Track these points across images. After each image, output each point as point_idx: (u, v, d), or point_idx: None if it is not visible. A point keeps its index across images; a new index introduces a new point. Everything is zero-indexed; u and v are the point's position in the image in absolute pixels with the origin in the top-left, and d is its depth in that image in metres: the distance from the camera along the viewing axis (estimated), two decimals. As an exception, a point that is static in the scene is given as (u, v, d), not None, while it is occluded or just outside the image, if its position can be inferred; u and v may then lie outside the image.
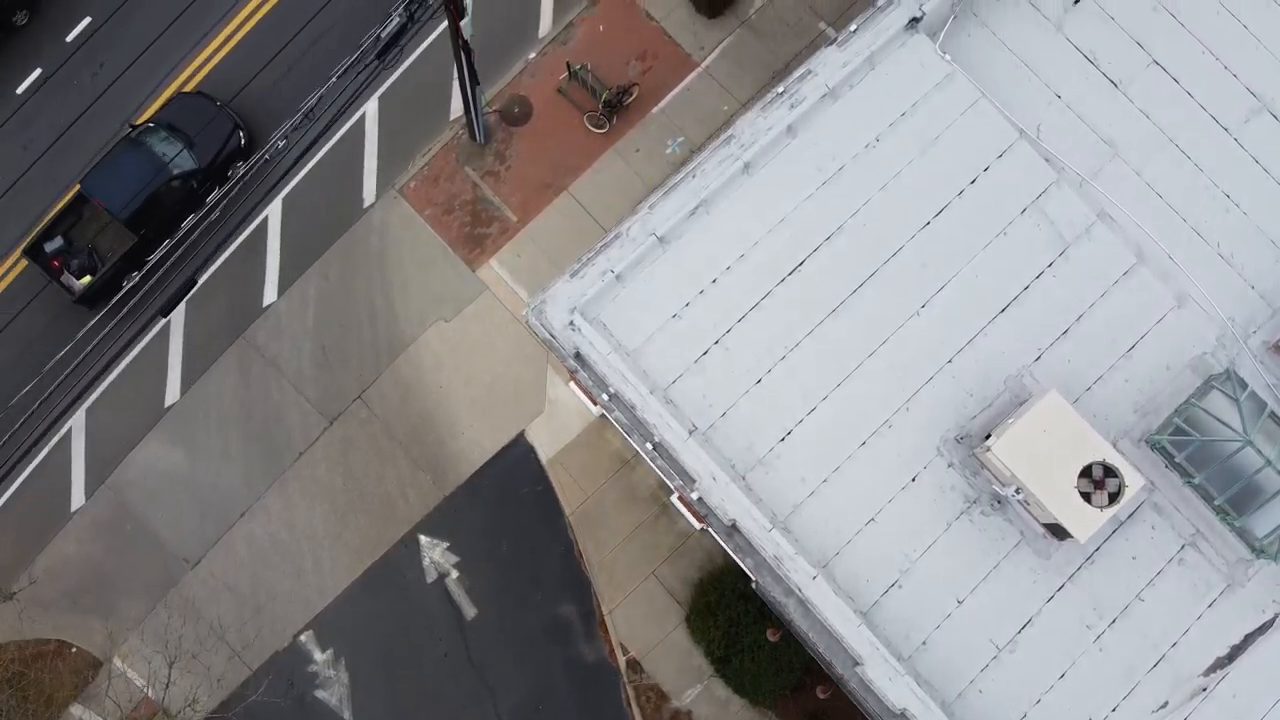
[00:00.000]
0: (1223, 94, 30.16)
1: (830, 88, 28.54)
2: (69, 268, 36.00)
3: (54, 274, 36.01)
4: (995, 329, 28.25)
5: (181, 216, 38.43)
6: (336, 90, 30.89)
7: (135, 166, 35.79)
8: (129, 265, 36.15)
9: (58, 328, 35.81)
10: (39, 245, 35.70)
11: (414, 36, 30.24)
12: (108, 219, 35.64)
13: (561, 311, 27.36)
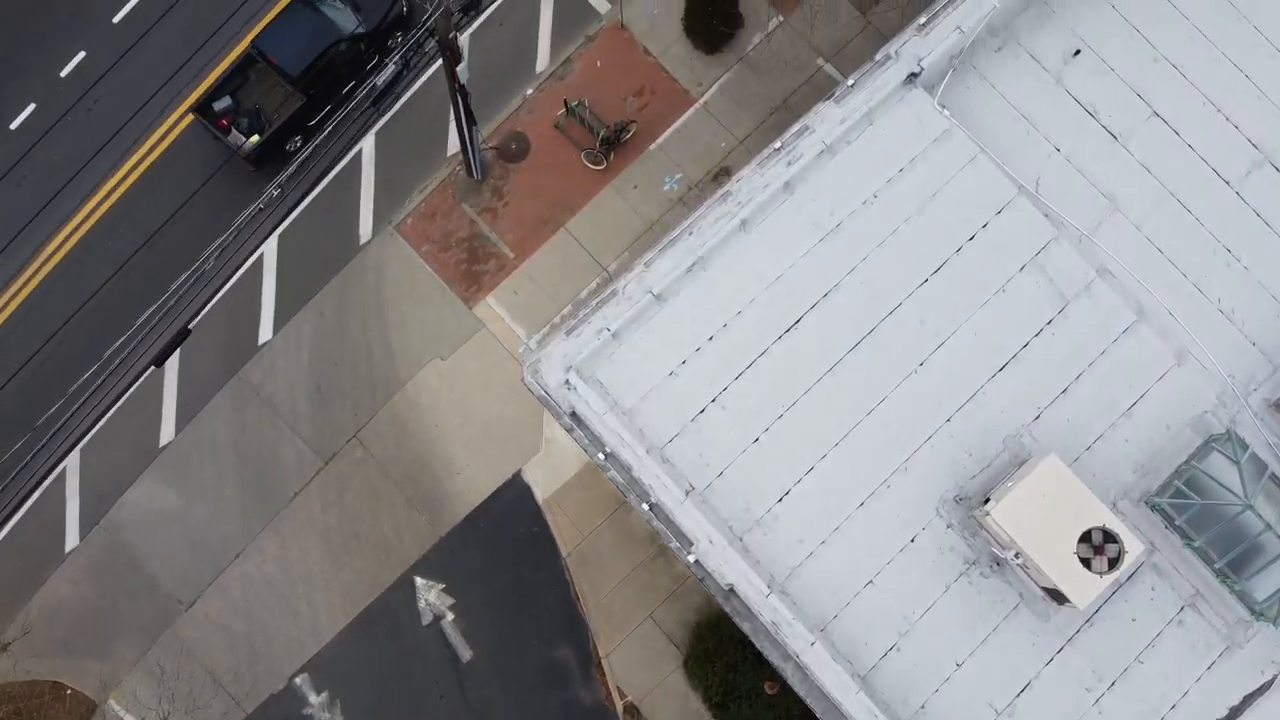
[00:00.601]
0: (1224, 146, 29.94)
1: (828, 144, 28.21)
2: (238, 126, 36.32)
3: (222, 132, 36.32)
4: (994, 387, 28.04)
5: (345, 81, 37.58)
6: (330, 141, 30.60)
7: (307, 27, 36.25)
8: (294, 127, 36.91)
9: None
10: (207, 104, 35.96)
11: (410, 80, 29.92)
12: (275, 80, 36.02)
13: (557, 370, 27.16)
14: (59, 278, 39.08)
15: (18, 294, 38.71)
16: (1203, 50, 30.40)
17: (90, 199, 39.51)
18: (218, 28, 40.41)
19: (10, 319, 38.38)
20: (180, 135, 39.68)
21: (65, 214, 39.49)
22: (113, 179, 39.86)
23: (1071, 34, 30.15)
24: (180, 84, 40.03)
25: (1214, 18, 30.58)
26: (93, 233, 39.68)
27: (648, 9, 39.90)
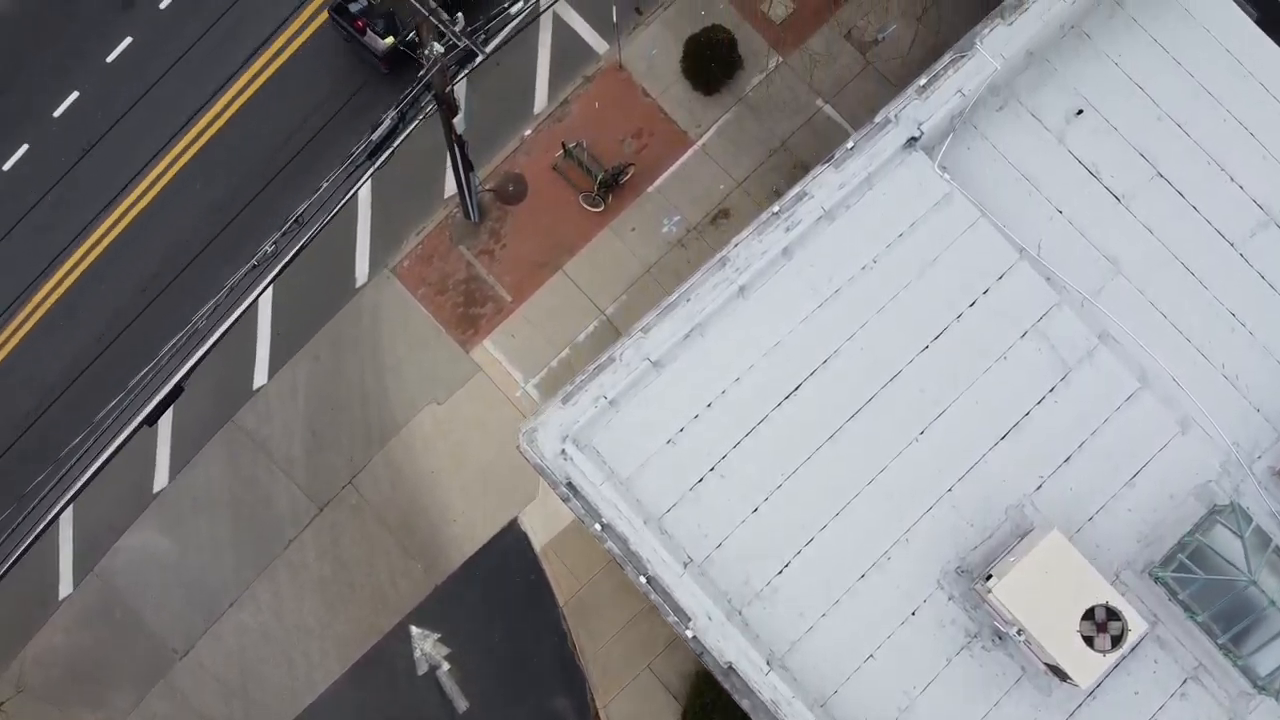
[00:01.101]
0: (1228, 207, 29.66)
1: (826, 209, 27.87)
2: (374, 28, 36.12)
3: (358, 33, 36.19)
4: (996, 456, 27.76)
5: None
6: (327, 194, 30.26)
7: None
8: None
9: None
10: (343, 6, 35.76)
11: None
12: None
13: (553, 439, 26.86)
14: (49, 326, 38.98)
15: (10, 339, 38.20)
16: (1207, 107, 30.03)
17: (82, 243, 38.74)
18: (216, 65, 40.15)
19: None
20: (168, 184, 38.73)
21: (59, 255, 39.36)
22: (106, 220, 39.77)
23: (1074, 92, 29.75)
24: (175, 123, 39.11)
25: (1219, 73, 30.27)
26: (85, 277, 39.54)
27: (646, 50, 39.51)
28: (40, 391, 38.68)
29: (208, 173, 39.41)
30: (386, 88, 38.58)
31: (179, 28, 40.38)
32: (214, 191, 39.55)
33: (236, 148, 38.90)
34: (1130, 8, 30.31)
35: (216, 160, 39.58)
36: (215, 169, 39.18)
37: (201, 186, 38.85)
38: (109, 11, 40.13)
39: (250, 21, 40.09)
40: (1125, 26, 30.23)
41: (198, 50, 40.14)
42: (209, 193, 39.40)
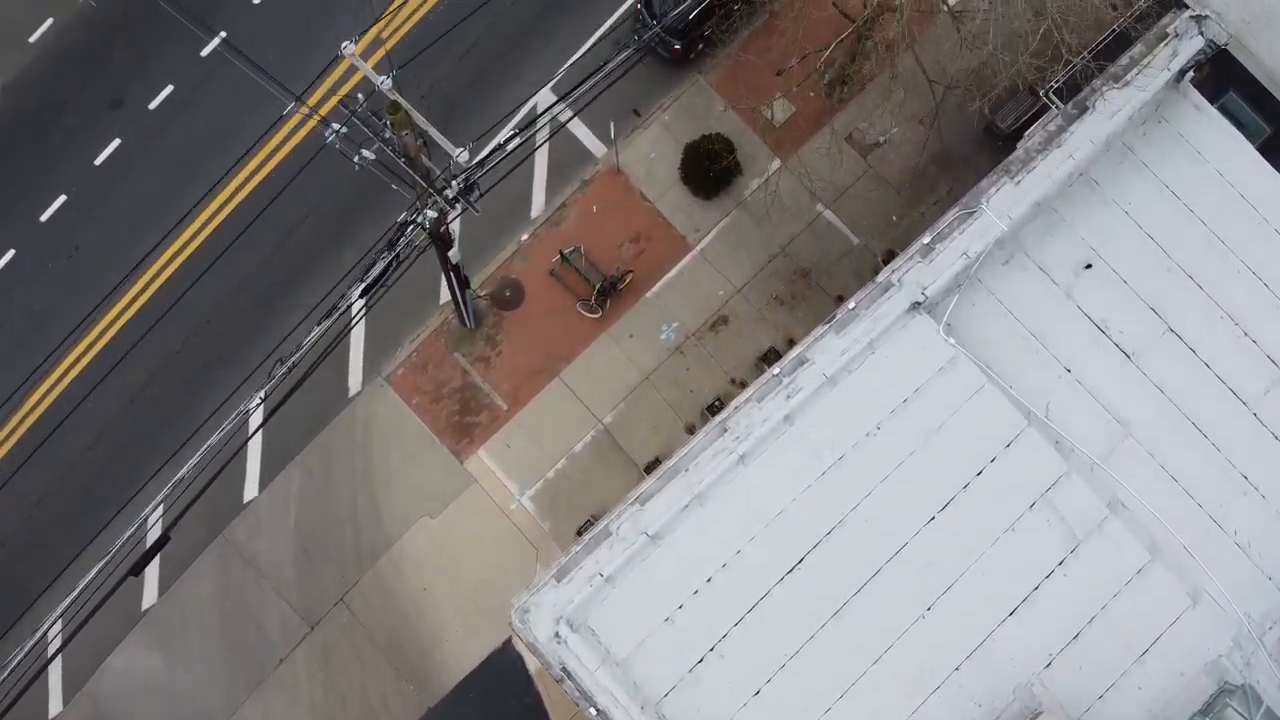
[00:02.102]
0: (1242, 363, 29.08)
1: (829, 375, 27.12)
2: None
3: None
4: (1003, 633, 27.27)
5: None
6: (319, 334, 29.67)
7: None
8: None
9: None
10: None
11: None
12: None
13: (547, 621, 26.34)
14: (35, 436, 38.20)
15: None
16: (1220, 256, 29.46)
17: (70, 351, 38.82)
18: (206, 167, 39.44)
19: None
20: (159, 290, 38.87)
21: (43, 367, 38.79)
22: (95, 328, 39.33)
23: (1082, 242, 29.12)
24: (164, 227, 38.44)
25: (1232, 220, 29.65)
26: (71, 387, 39.14)
27: (644, 154, 38.89)
28: (25, 506, 38.35)
29: (198, 277, 38.18)
30: (375, 195, 37.94)
31: (167, 129, 39.92)
32: (204, 297, 38.76)
33: (229, 252, 38.03)
34: (1140, 152, 29.63)
35: (208, 265, 38.42)
36: (207, 274, 38.24)
37: (192, 292, 37.83)
38: (97, 112, 39.22)
39: (240, 125, 39.22)
40: (1135, 171, 29.57)
41: (187, 152, 39.24)
42: (199, 298, 38.52)
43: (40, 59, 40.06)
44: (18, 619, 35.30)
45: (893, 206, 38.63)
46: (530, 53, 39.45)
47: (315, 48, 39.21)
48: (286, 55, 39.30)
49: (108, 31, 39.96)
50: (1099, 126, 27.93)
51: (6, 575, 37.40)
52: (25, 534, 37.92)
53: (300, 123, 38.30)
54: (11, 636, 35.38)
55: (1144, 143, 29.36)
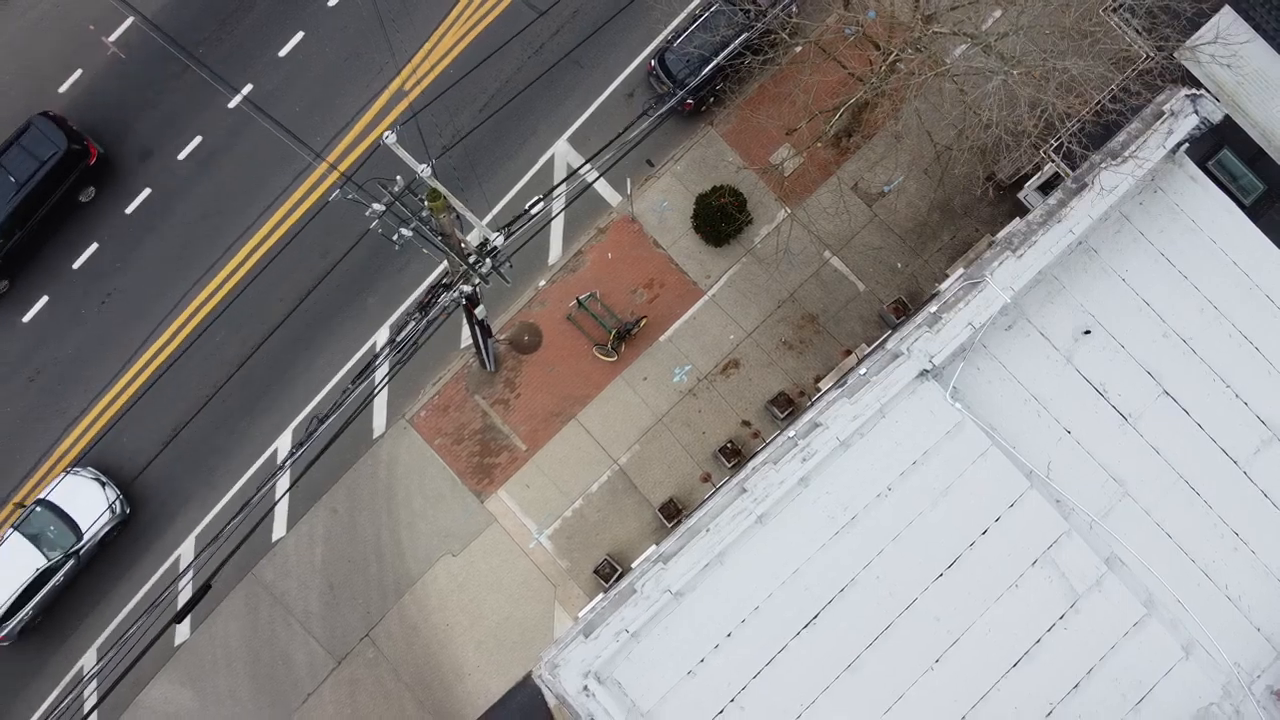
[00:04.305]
0: (1233, 424, 30.43)
1: (842, 440, 28.65)
2: None
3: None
4: (1007, 684, 28.74)
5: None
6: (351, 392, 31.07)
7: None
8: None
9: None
10: None
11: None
12: None
13: (575, 676, 27.73)
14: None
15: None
16: (1213, 322, 30.80)
17: (103, 396, 40.28)
18: (234, 217, 41.03)
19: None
20: (188, 336, 40.09)
21: (77, 412, 40.03)
22: (127, 374, 40.59)
23: (1080, 309, 30.50)
24: (193, 275, 39.72)
25: (1225, 287, 31.01)
26: (106, 429, 40.07)
27: (657, 202, 40.21)
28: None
29: (228, 325, 40.38)
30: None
31: (196, 180, 41.18)
32: (233, 343, 40.30)
33: (255, 300, 39.98)
34: (1136, 221, 30.94)
35: (236, 312, 40.47)
36: (235, 321, 40.30)
37: (222, 338, 39.38)
38: (128, 162, 40.58)
39: (266, 176, 40.99)
40: (1132, 240, 30.85)
41: (215, 202, 40.49)
42: (228, 344, 40.21)
43: (70, 109, 41.16)
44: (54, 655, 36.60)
45: (897, 254, 39.96)
46: (546, 106, 40.59)
47: (338, 102, 40.94)
48: (310, 109, 40.62)
49: (136, 83, 41.34)
50: (1098, 203, 29.29)
51: (48, 612, 38.22)
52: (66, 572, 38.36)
53: (324, 173, 39.53)
54: (48, 673, 36.58)
55: (1140, 212, 30.72)
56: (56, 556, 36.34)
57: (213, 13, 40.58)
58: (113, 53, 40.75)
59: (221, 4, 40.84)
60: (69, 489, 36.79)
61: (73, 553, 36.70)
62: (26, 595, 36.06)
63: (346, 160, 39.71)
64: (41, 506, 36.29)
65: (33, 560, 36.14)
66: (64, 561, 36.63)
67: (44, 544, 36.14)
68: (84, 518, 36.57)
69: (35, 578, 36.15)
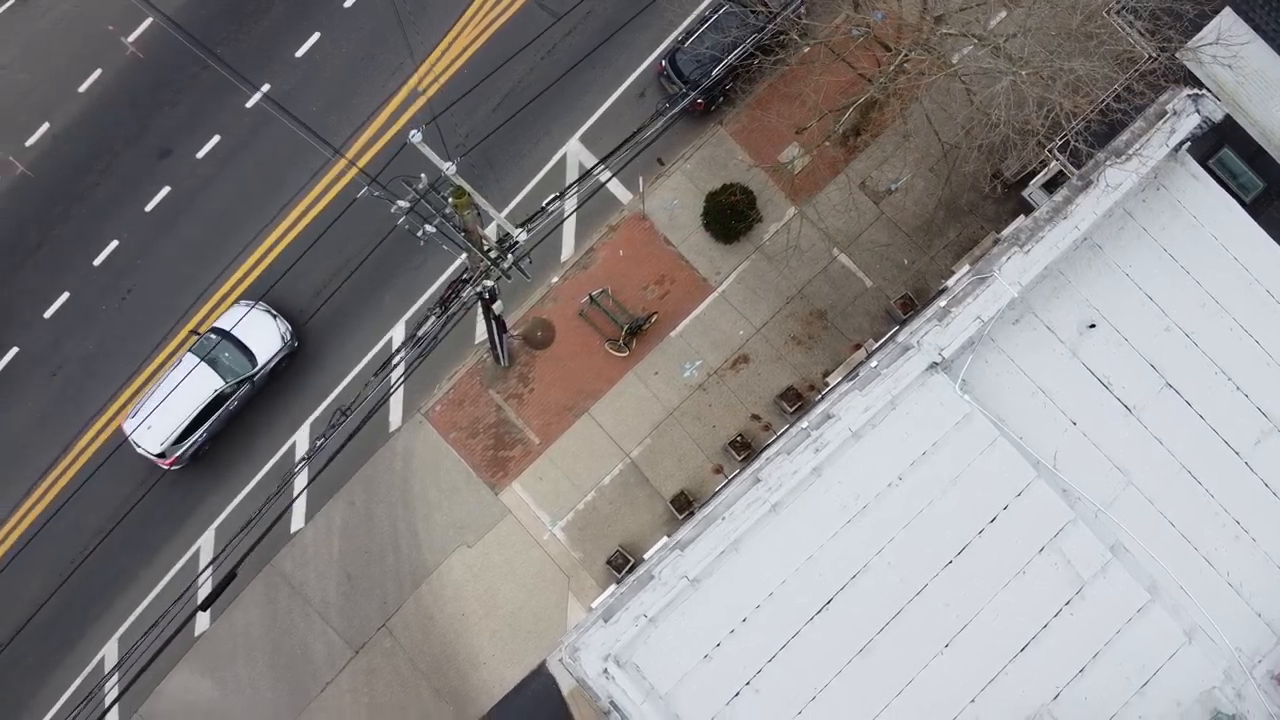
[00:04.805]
0: (1234, 416, 31.23)
1: (854, 431, 29.46)
2: None
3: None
4: (1015, 668, 29.48)
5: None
6: (373, 388, 31.79)
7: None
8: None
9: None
10: None
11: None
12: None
13: (595, 659, 28.48)
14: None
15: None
16: (1214, 316, 31.59)
17: (127, 388, 40.65)
18: (253, 213, 41.71)
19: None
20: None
21: (98, 407, 40.43)
22: (149, 367, 41.08)
23: (1086, 304, 31.27)
24: (213, 271, 40.42)
25: (1225, 281, 31.79)
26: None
27: (668, 200, 40.92)
28: (84, 536, 40.01)
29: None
30: (412, 242, 39.94)
31: (215, 178, 41.86)
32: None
33: (274, 296, 40.49)
34: (1140, 218, 31.74)
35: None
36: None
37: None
38: (147, 160, 41.15)
39: (284, 174, 41.67)
40: (1135, 236, 31.67)
41: (234, 200, 41.19)
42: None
43: (90, 108, 41.81)
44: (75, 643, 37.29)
45: (904, 251, 40.73)
46: (558, 105, 41.32)
47: (354, 102, 41.71)
48: (327, 109, 41.33)
49: (155, 83, 41.95)
50: (1103, 200, 30.12)
51: (68, 601, 39.11)
52: (88, 565, 39.52)
53: (341, 171, 40.27)
54: (70, 663, 37.18)
55: (1143, 209, 31.54)
56: (233, 381, 37.87)
57: (230, 14, 41.28)
58: (131, 53, 41.15)
59: (239, 5, 41.55)
60: (242, 319, 37.69)
61: (247, 379, 38.14)
62: (201, 418, 37.62)
63: (363, 159, 40.36)
64: (218, 334, 37.76)
65: (211, 383, 37.65)
66: (239, 386, 38.02)
67: (221, 368, 37.74)
68: (258, 347, 38.53)
69: (211, 400, 37.63)
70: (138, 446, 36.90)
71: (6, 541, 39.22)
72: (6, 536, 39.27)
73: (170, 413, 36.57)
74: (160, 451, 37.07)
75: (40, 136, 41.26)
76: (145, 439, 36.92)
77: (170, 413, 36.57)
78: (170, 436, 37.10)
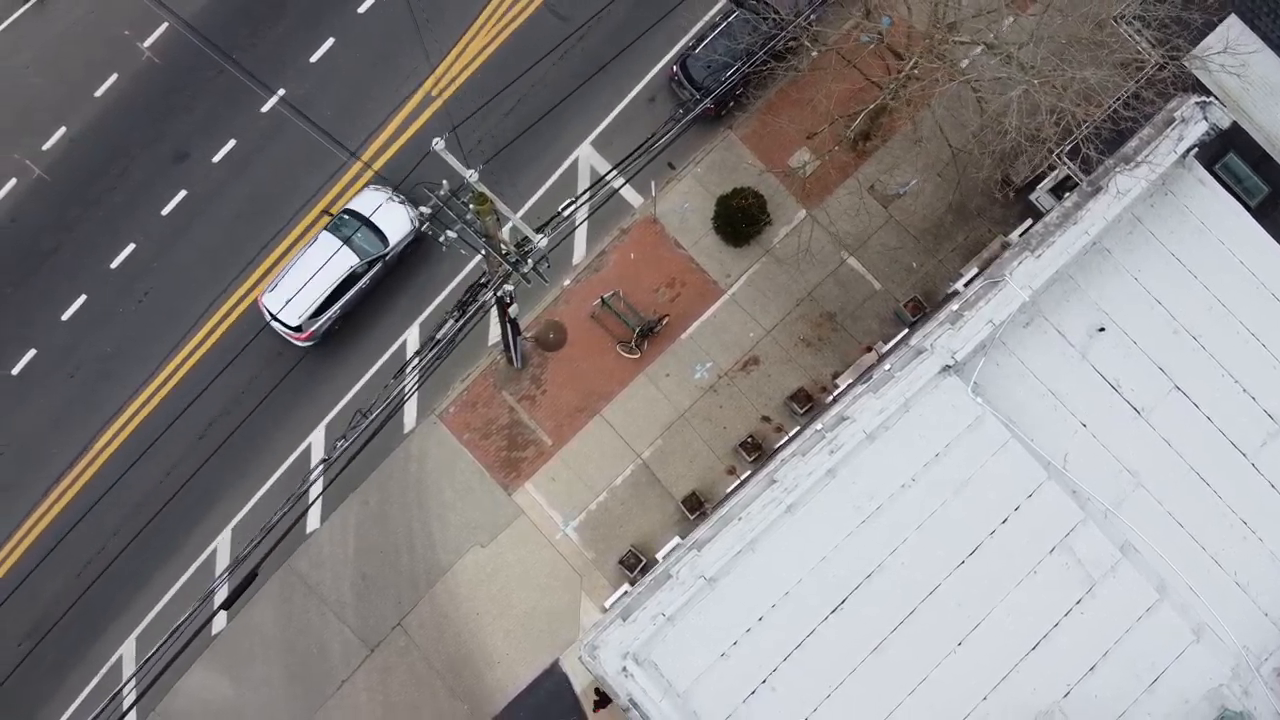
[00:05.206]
0: (1241, 418, 31.79)
1: (868, 433, 30.01)
2: None
3: None
4: (1027, 666, 30.04)
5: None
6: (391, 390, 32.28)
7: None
8: None
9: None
10: None
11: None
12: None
13: (614, 657, 29.00)
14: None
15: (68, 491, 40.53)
16: (1221, 319, 32.14)
17: (145, 388, 41.20)
18: (268, 217, 41.99)
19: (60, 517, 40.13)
20: (225, 332, 41.19)
21: (115, 408, 41.03)
22: (167, 367, 41.61)
23: (1095, 307, 31.83)
24: (229, 274, 40.86)
25: (1232, 285, 32.35)
26: (143, 424, 41.26)
27: (678, 204, 41.40)
28: (102, 536, 40.31)
29: (263, 323, 40.70)
30: (426, 245, 40.65)
31: (231, 182, 42.24)
32: (269, 339, 40.90)
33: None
34: (1148, 222, 32.29)
35: (269, 310, 40.64)
36: (267, 319, 40.61)
37: (256, 337, 40.16)
38: (163, 165, 41.60)
39: (299, 177, 42.07)
40: (1144, 241, 32.22)
41: (250, 203, 41.64)
42: (264, 339, 40.64)
43: (106, 113, 42.14)
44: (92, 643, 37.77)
45: (912, 254, 41.24)
46: (570, 110, 41.79)
47: (368, 107, 42.20)
48: (342, 112, 41.76)
49: (171, 88, 42.30)
50: (1112, 205, 30.68)
51: (84, 600, 39.60)
52: (99, 563, 39.79)
53: (358, 174, 40.77)
54: (89, 660, 37.86)
55: (1152, 214, 32.10)
56: (366, 260, 38.68)
57: (244, 20, 41.69)
58: (147, 58, 41.51)
59: (253, 11, 42.07)
60: (375, 205, 38.67)
61: (379, 258, 38.96)
62: (335, 295, 38.44)
63: (378, 163, 40.82)
64: (349, 214, 38.55)
65: (346, 260, 38.37)
66: (371, 266, 38.91)
67: (355, 247, 38.21)
68: (390, 229, 39.47)
69: (346, 277, 38.33)
70: (274, 320, 37.77)
71: (25, 541, 39.27)
72: (25, 537, 39.35)
73: (307, 288, 37.10)
74: (297, 325, 37.99)
75: (56, 140, 41.50)
76: (284, 312, 37.48)
77: (307, 288, 37.10)
78: (308, 310, 37.86)
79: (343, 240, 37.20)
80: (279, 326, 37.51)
